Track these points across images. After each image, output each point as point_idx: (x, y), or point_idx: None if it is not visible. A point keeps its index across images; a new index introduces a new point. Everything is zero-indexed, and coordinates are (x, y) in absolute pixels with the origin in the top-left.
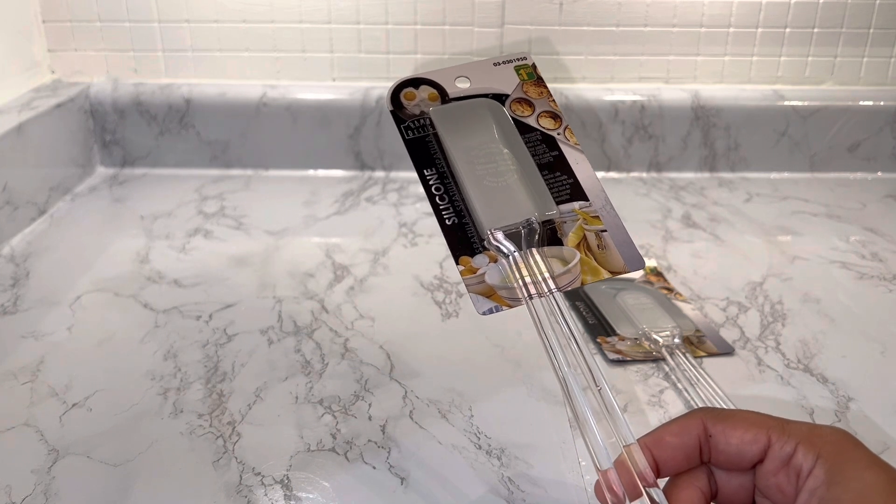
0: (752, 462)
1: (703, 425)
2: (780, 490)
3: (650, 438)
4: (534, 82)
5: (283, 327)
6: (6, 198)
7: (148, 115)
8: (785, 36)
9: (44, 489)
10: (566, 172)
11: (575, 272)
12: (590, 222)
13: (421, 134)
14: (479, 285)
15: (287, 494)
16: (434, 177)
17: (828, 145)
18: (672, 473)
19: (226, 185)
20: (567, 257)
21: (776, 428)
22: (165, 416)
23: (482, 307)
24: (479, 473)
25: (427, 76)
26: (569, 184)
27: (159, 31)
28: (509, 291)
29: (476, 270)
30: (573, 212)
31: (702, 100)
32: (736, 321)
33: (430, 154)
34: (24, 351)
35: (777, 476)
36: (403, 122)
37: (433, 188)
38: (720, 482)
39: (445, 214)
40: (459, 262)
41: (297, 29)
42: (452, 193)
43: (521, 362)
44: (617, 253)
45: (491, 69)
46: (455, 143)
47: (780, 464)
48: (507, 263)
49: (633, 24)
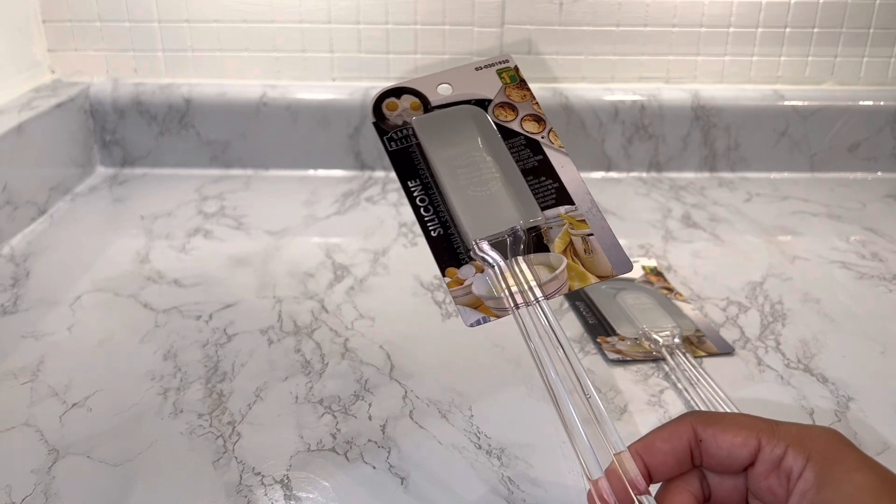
0: (743, 465)
1: (693, 430)
2: (771, 492)
3: (641, 445)
4: (516, 85)
5: (283, 327)
6: (6, 198)
7: (148, 114)
8: (785, 36)
9: (44, 489)
10: (551, 177)
11: (562, 279)
12: (576, 227)
13: (404, 145)
14: (466, 297)
15: (287, 494)
16: (418, 188)
17: (828, 145)
18: (664, 479)
19: (226, 185)
20: (554, 264)
21: (766, 431)
22: (165, 416)
23: (470, 319)
24: (479, 473)
25: (408, 85)
26: (554, 188)
27: (159, 30)
28: (496, 301)
29: (463, 282)
30: (559, 216)
31: (702, 100)
32: (736, 321)
33: (413, 165)
34: (24, 351)
35: (768, 479)
36: (386, 134)
37: (417, 200)
38: (713, 485)
39: (430, 226)
40: (446, 275)
41: (297, 29)
42: (437, 204)
43: (521, 362)
44: (604, 256)
45: (473, 74)
46: (437, 153)
47: (770, 466)
48: (493, 273)
49: (633, 24)
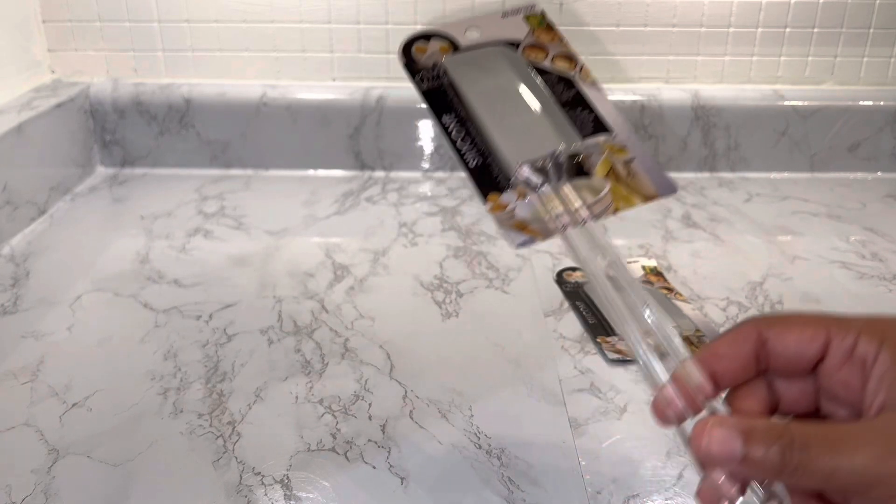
0: (813, 362)
1: (758, 332)
2: (845, 385)
3: (704, 352)
4: (545, 28)
5: (283, 327)
6: (6, 198)
7: (148, 114)
8: (785, 36)
9: (44, 489)
10: (587, 108)
11: (607, 200)
12: (616, 153)
13: (435, 84)
14: (510, 220)
15: (287, 494)
16: (453, 122)
17: (828, 145)
18: (730, 385)
19: (226, 185)
20: (597, 186)
21: (834, 323)
22: (165, 415)
23: (516, 240)
24: (479, 473)
25: (437, 30)
26: (591, 119)
27: (159, 31)
28: (541, 224)
29: (505, 206)
30: (598, 144)
31: (702, 100)
32: (736, 321)
33: (446, 102)
34: (24, 351)
35: (841, 371)
36: (417, 74)
37: (453, 134)
38: (780, 391)
39: (468, 157)
40: (488, 200)
41: (297, 29)
42: (474, 136)
43: (521, 362)
44: (647, 179)
45: (500, 21)
46: (472, 87)
47: (843, 357)
48: (538, 196)
49: (633, 24)
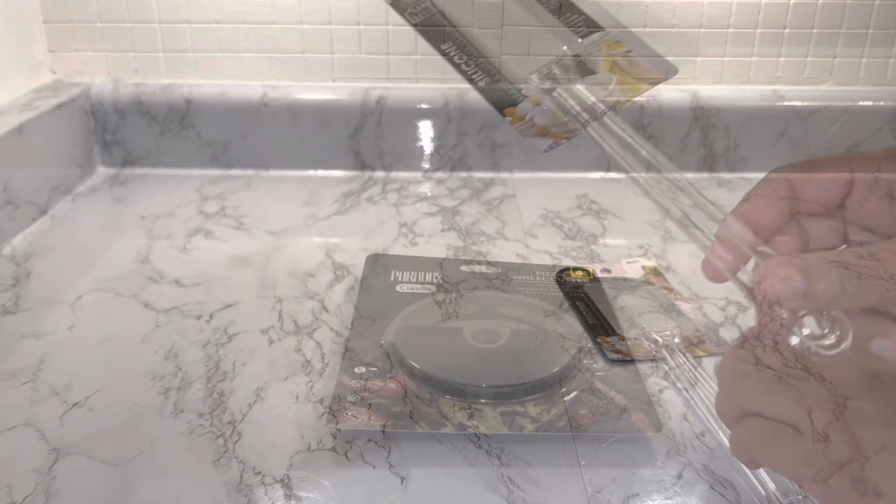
0: (840, 198)
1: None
2: (874, 213)
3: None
4: None
5: (284, 327)
6: (7, 198)
7: (148, 115)
8: (784, 36)
9: (44, 489)
10: (575, 12)
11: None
12: (614, 47)
13: (425, 16)
14: (532, 129)
15: (287, 494)
16: (453, 48)
17: (827, 145)
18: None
19: (226, 185)
20: (605, 81)
21: (856, 158)
22: (166, 415)
23: (542, 146)
24: (479, 473)
25: None
26: (581, 20)
27: (160, 31)
28: (562, 126)
29: (524, 117)
30: (596, 42)
31: (701, 100)
32: (735, 321)
33: (441, 30)
34: (24, 350)
35: (869, 200)
36: (406, 10)
37: (455, 58)
38: (810, 231)
39: (476, 77)
40: (505, 114)
41: (298, 29)
42: (477, 58)
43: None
44: (648, 66)
45: None
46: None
47: (868, 188)
48: (552, 100)
49: (632, 24)
